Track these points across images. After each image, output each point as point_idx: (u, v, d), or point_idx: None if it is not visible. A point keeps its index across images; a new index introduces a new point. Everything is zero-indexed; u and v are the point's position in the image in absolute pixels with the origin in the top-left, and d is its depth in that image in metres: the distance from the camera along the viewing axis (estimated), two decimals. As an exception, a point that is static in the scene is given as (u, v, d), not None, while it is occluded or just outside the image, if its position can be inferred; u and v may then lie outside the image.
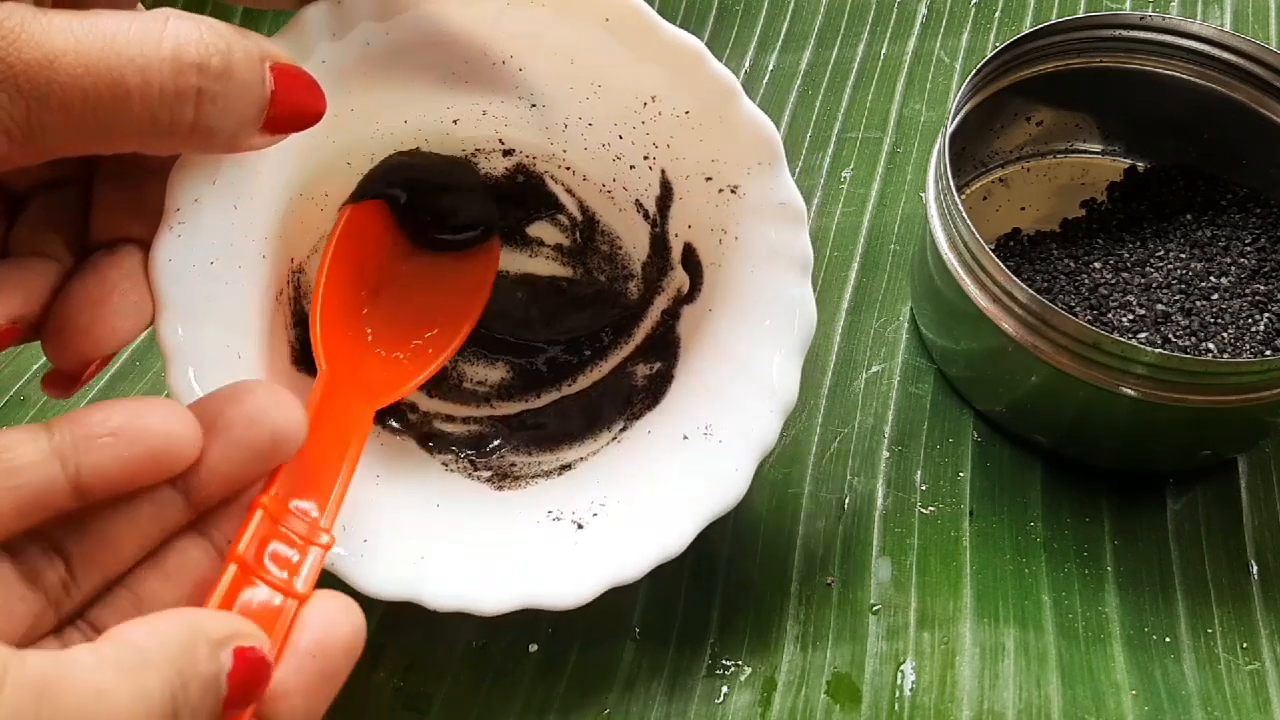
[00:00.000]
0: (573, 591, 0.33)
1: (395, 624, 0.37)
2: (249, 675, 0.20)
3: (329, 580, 0.31)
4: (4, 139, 0.21)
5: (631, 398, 0.39)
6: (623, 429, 0.38)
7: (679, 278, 0.38)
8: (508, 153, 0.38)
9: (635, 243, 0.39)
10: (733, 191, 0.35)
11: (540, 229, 0.40)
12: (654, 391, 0.38)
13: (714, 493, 0.34)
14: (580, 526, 0.35)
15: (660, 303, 0.39)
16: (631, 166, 0.37)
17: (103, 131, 0.22)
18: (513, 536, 0.35)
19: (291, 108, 0.25)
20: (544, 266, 0.40)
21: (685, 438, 0.36)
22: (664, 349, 0.39)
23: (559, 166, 0.38)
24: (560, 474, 0.37)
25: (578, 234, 0.40)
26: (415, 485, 0.36)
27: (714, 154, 0.34)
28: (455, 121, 0.36)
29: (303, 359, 0.36)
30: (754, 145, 0.33)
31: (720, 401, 0.36)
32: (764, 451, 0.34)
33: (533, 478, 0.37)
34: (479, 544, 0.34)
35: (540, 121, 0.37)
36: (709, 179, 0.35)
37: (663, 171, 0.36)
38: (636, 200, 0.38)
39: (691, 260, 0.37)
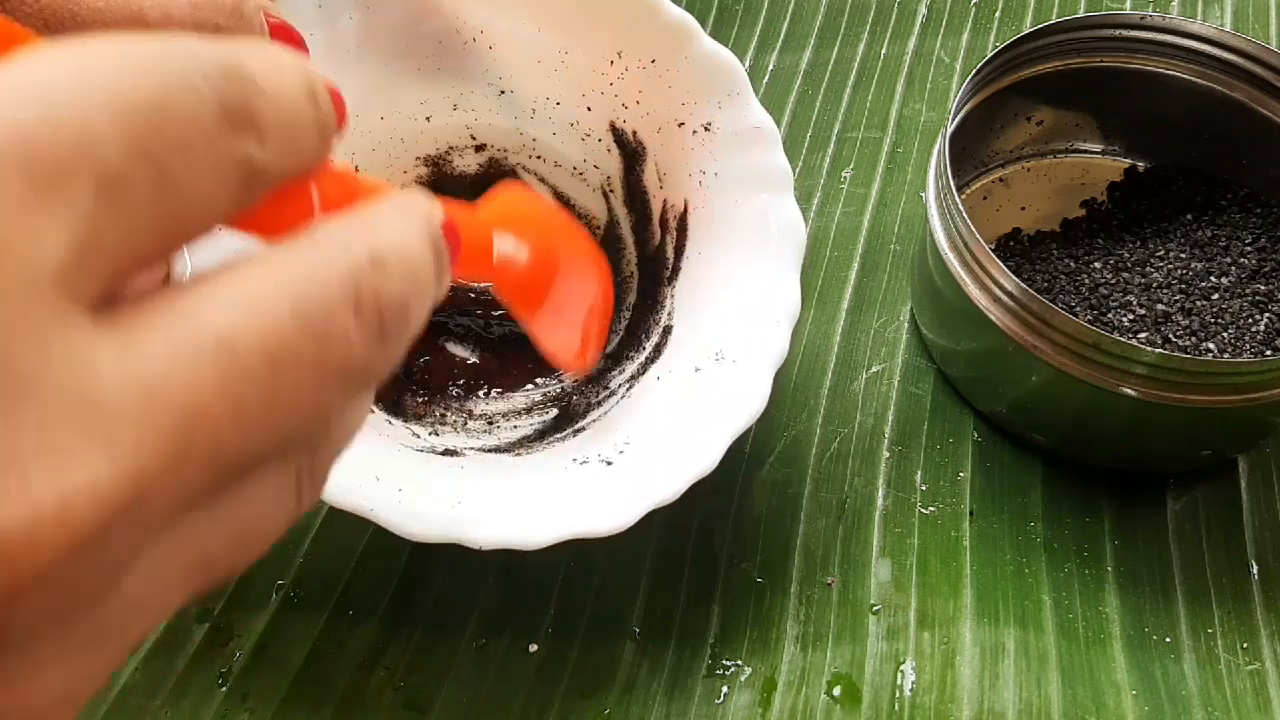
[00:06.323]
0: (614, 519, 0.32)
1: (395, 624, 0.37)
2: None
3: (364, 526, 0.31)
4: None
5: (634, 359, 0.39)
6: (629, 387, 0.38)
7: (661, 237, 0.39)
8: (479, 148, 0.39)
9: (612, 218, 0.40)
10: (706, 129, 0.36)
11: None
12: (655, 347, 0.38)
13: (737, 408, 0.34)
14: (609, 464, 0.35)
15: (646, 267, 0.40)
16: (599, 140, 0.38)
17: None
18: (543, 482, 0.35)
19: None
20: None
21: (697, 369, 0.36)
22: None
23: (530, 156, 0.39)
24: (575, 435, 0.37)
25: None
26: (436, 458, 0.36)
27: (683, 97, 0.36)
28: (429, 118, 0.38)
29: None
30: (720, 79, 0.35)
31: (726, 328, 0.36)
32: (778, 362, 0.34)
33: (547, 444, 0.37)
34: (511, 491, 0.34)
35: (510, 110, 0.38)
36: (681, 124, 0.36)
37: (634, 133, 0.37)
38: (608, 176, 0.39)
39: (671, 216, 0.38)
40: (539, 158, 0.39)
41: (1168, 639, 0.36)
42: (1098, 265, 0.42)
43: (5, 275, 0.13)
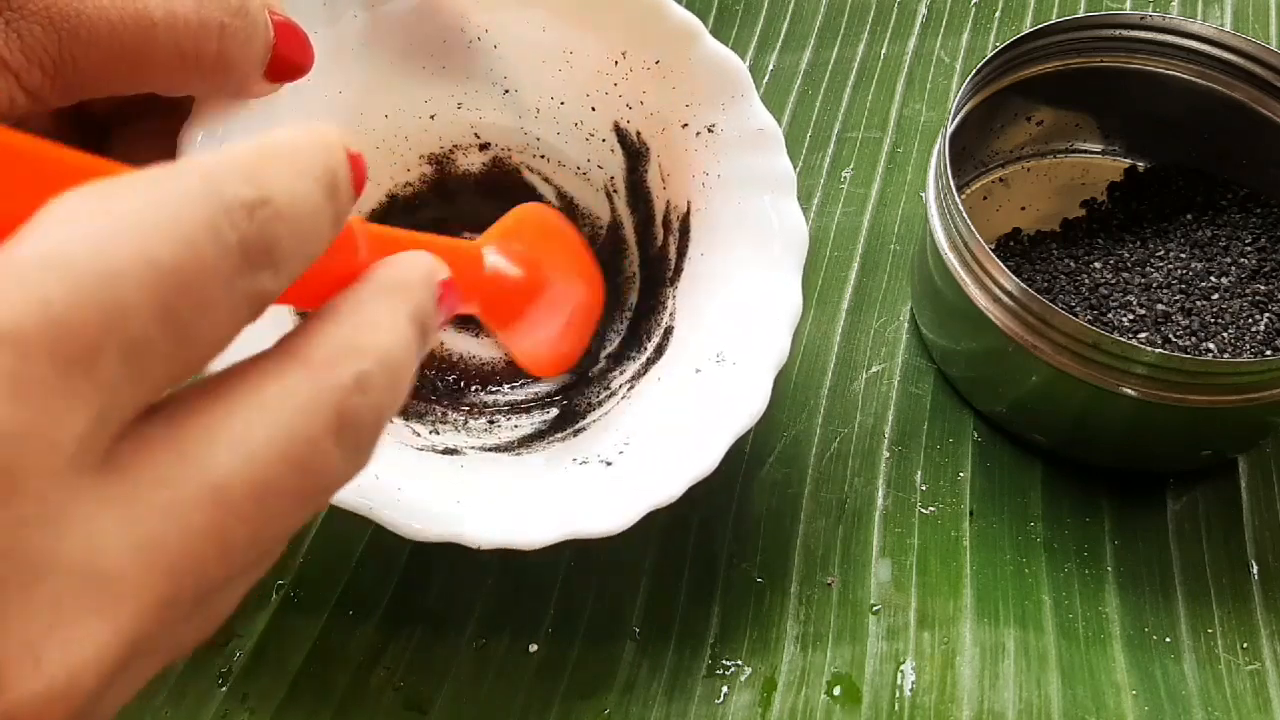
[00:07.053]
0: (613, 519, 0.32)
1: (395, 624, 0.37)
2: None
3: (364, 526, 0.31)
4: (38, 72, 0.22)
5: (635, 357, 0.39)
6: (630, 387, 0.38)
7: (664, 238, 0.39)
8: (484, 147, 0.39)
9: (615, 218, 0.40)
10: (709, 131, 0.36)
11: None
12: (657, 348, 0.38)
13: (737, 410, 0.34)
14: (609, 464, 0.35)
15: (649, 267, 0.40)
16: (603, 140, 0.38)
17: (130, 64, 0.23)
18: (543, 482, 0.35)
19: (288, 56, 0.27)
20: None
21: (698, 371, 0.36)
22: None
23: (534, 156, 0.39)
24: (575, 435, 0.37)
25: None
26: (436, 456, 0.36)
27: (687, 98, 0.36)
28: (433, 117, 0.38)
29: None
30: (724, 80, 0.35)
31: (727, 329, 0.36)
32: (779, 364, 0.34)
33: (548, 443, 0.37)
34: (511, 490, 0.34)
35: (514, 109, 0.38)
36: (685, 125, 0.36)
37: (637, 134, 0.37)
38: (611, 176, 0.39)
39: (674, 217, 0.38)
40: (543, 157, 0.39)
41: (1168, 639, 0.37)
42: (1098, 265, 0.42)
43: (27, 466, 0.13)
